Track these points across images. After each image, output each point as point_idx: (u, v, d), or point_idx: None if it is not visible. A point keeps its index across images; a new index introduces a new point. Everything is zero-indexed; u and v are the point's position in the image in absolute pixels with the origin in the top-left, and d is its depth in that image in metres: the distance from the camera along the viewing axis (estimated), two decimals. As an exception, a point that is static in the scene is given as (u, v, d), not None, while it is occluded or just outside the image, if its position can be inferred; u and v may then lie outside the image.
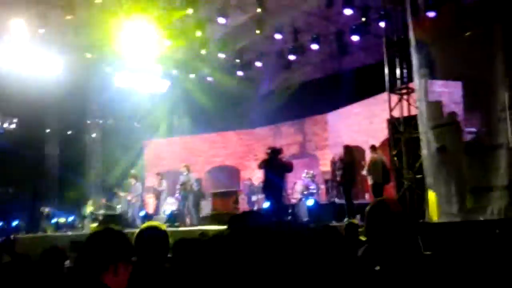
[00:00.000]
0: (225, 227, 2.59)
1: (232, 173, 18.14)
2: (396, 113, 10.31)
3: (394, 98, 10.42)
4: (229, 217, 2.81)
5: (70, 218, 15.77)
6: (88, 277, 2.11)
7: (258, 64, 16.31)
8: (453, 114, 9.10)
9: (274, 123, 17.21)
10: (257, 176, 14.23)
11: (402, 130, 10.03)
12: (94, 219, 15.05)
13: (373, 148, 11.50)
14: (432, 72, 9.43)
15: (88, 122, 17.61)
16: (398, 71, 10.36)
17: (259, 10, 13.07)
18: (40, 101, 15.47)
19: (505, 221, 6.86)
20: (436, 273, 2.39)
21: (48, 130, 17.37)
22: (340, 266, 2.58)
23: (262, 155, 12.72)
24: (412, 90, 9.86)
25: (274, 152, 12.26)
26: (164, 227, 3.17)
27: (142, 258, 2.81)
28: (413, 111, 9.82)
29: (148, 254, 2.90)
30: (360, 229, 6.10)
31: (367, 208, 2.64)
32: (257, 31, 14.23)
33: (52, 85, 15.10)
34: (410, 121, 9.78)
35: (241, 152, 17.93)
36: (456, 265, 2.50)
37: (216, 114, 17.20)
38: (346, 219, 10.00)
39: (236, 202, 14.73)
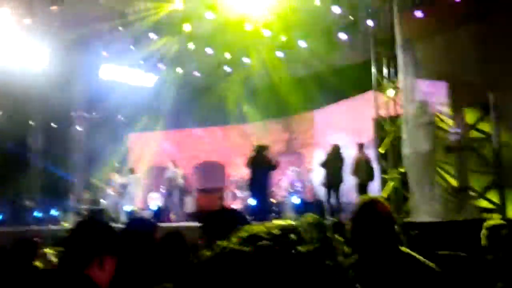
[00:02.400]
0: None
1: (218, 169, 18.07)
2: (382, 112, 10.31)
3: (381, 97, 10.42)
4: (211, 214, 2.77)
5: (53, 212, 15.58)
6: (72, 271, 2.05)
7: (246, 60, 16.24)
8: (437, 114, 9.13)
9: (261, 120, 17.15)
10: (243, 173, 14.18)
11: (388, 129, 10.03)
12: (78, 214, 14.90)
13: (360, 146, 11.50)
14: (419, 71, 9.43)
15: (73, 114, 17.40)
16: (385, 70, 10.35)
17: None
18: (24, 93, 15.25)
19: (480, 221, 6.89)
20: (415, 270, 2.37)
21: (32, 123, 17.14)
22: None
23: (248, 152, 12.64)
24: (399, 89, 9.86)
25: (261, 149, 12.24)
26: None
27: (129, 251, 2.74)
28: (400, 110, 9.82)
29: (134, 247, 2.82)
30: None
31: (356, 206, 2.60)
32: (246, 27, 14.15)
33: (36, 77, 14.88)
34: (396, 120, 9.79)
35: (228, 148, 17.85)
36: (437, 264, 2.48)
37: (203, 109, 17.10)
38: (331, 219, 10.01)
39: (221, 198, 14.69)
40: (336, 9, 12.49)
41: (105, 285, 2.10)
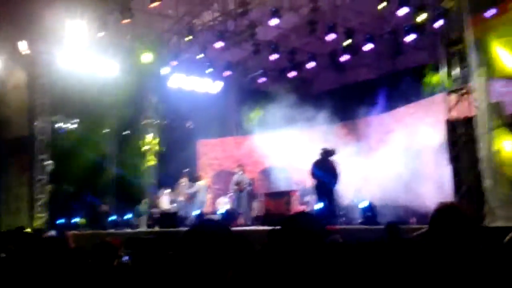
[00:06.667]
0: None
1: (284, 173, 18.11)
2: (454, 114, 10.02)
3: (453, 98, 10.13)
4: (280, 218, 2.83)
5: (127, 216, 16.17)
6: None
7: (311, 64, 16.26)
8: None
9: (326, 124, 17.04)
10: (309, 177, 14.13)
11: (461, 131, 9.74)
12: (150, 217, 15.42)
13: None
14: (492, 71, 9.14)
15: (144, 122, 18.04)
16: (455, 71, 10.07)
17: (311, 10, 13.03)
18: (98, 102, 16.01)
19: None
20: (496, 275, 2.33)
21: (106, 130, 17.91)
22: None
23: (314, 156, 12.62)
24: (471, 90, 9.56)
25: (327, 153, 12.21)
26: None
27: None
28: (472, 112, 9.52)
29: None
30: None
31: (437, 211, 2.56)
32: (310, 32, 14.20)
33: (109, 87, 15.64)
34: (469, 122, 9.49)
35: (293, 153, 17.84)
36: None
37: (268, 114, 17.23)
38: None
39: (288, 203, 14.71)
40: (403, 10, 12.31)
41: None
